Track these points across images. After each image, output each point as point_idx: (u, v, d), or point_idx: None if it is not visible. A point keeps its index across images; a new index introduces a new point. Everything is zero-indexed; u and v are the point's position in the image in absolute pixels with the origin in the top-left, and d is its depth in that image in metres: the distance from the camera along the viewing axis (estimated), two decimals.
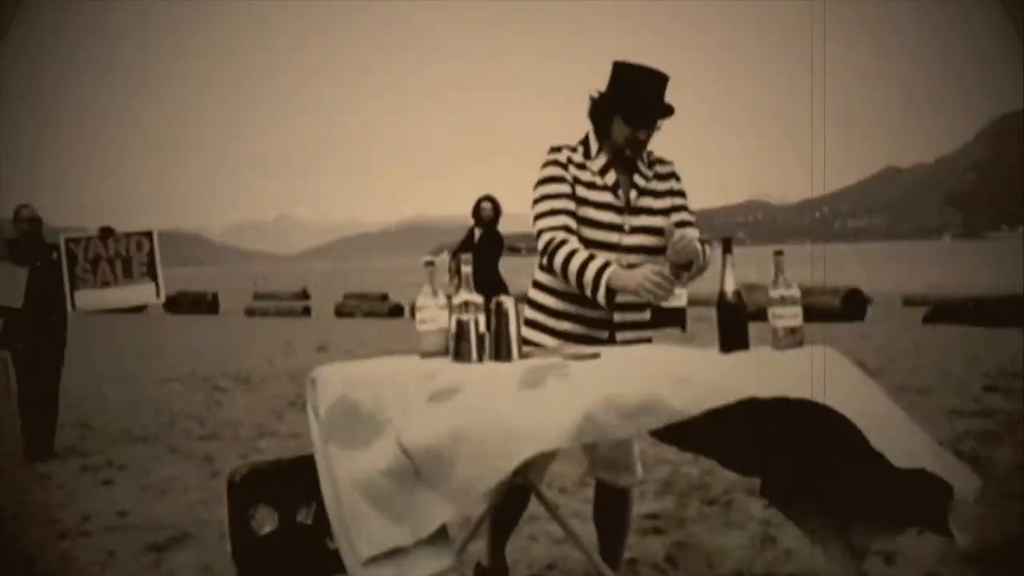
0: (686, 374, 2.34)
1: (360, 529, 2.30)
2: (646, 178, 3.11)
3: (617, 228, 3.03)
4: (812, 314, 2.65)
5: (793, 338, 2.52)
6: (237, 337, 17.58)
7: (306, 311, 25.67)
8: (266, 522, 3.12)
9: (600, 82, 3.06)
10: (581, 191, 3.04)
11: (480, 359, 2.56)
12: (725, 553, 3.93)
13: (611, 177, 3.06)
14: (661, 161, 3.20)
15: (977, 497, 2.32)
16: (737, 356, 2.49)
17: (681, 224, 3.09)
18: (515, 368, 2.48)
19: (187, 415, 8.19)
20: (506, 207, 9.16)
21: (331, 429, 2.44)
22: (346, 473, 2.36)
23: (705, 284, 3.60)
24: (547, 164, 3.07)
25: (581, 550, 3.25)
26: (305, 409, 2.63)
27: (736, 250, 2.60)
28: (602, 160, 3.07)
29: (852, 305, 17.51)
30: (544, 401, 2.30)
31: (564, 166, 3.05)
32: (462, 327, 2.56)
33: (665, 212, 3.11)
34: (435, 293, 2.66)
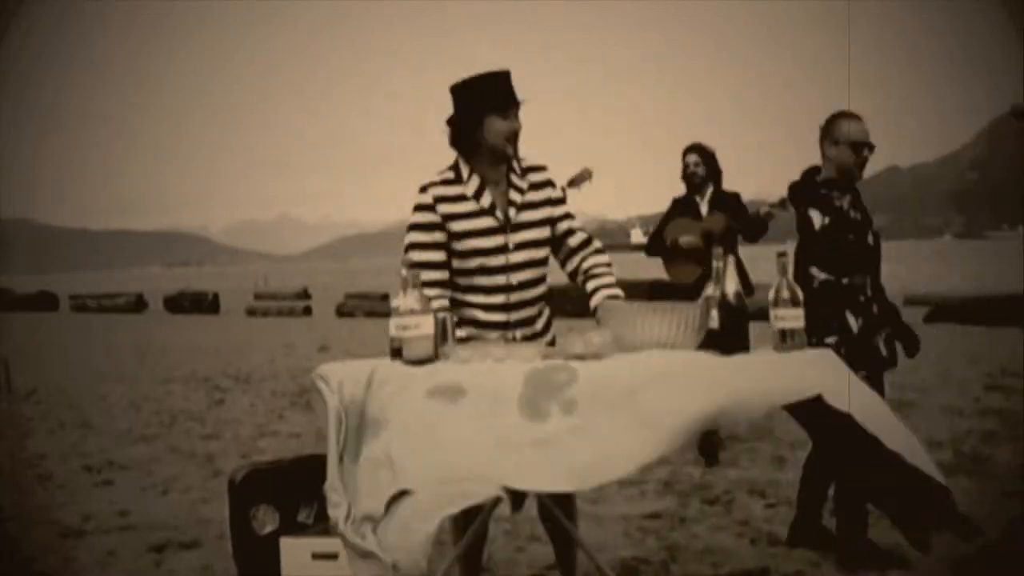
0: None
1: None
2: (521, 192, 3.12)
3: (502, 249, 3.06)
4: None
5: (795, 340, 2.51)
6: (238, 337, 17.57)
7: (307, 311, 25.67)
8: (267, 522, 3.12)
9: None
10: (458, 224, 3.05)
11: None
12: (726, 553, 3.93)
13: (487, 199, 3.07)
14: (534, 168, 3.18)
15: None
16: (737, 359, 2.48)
17: (569, 232, 3.17)
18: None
19: (188, 415, 8.19)
20: None
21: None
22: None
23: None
24: (416, 209, 3.07)
25: (582, 550, 3.25)
26: (305, 409, 2.63)
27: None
28: (475, 183, 3.08)
29: None
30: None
31: (432, 208, 3.05)
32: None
33: (543, 223, 3.13)
34: (420, 297, 2.59)
